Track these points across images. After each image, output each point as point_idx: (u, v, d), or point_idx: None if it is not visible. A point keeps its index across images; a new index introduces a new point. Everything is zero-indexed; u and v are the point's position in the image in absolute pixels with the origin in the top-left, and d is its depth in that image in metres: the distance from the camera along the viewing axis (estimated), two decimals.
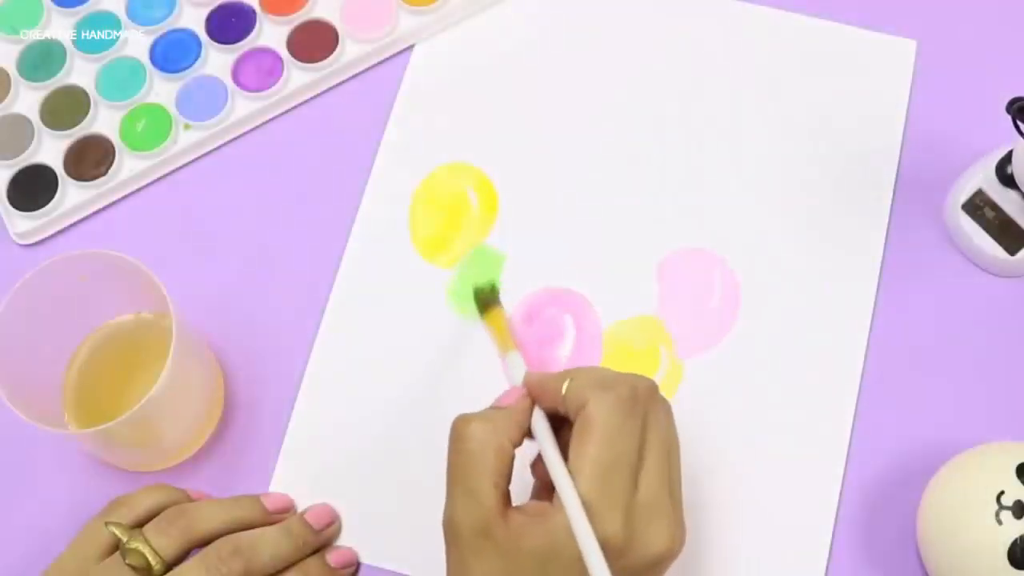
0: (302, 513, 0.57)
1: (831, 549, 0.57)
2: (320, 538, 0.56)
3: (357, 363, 0.61)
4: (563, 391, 0.48)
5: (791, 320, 0.61)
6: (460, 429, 0.48)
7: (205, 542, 0.53)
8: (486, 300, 0.59)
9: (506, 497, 0.47)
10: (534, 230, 0.63)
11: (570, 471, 0.46)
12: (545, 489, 0.50)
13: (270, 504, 0.57)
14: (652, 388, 0.49)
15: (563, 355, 0.61)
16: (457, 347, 0.61)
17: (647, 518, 0.46)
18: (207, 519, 0.54)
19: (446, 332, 0.62)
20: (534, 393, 0.50)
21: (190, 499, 0.56)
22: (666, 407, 0.49)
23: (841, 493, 0.58)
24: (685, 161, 0.65)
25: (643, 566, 0.46)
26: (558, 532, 0.45)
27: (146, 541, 0.52)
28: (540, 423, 0.49)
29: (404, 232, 0.64)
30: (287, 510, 0.57)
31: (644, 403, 0.47)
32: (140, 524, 0.53)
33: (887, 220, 0.63)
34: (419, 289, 0.62)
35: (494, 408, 0.50)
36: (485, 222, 0.64)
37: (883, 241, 0.62)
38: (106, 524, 0.53)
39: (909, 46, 0.66)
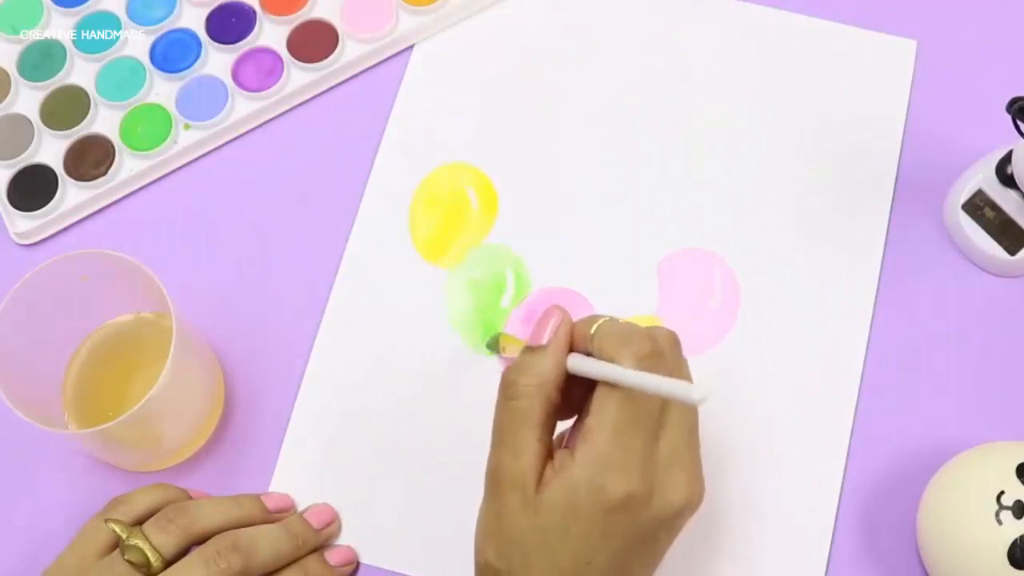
0: (302, 512, 0.57)
1: (831, 549, 0.57)
2: (320, 537, 0.56)
3: (357, 363, 0.61)
4: (591, 331, 0.48)
5: (791, 320, 0.61)
6: (509, 386, 0.48)
7: (204, 540, 0.53)
8: (495, 344, 0.60)
9: (547, 448, 0.48)
10: (534, 230, 0.63)
11: (591, 426, 0.46)
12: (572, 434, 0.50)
13: (271, 504, 0.57)
14: (673, 341, 0.49)
15: None
16: (456, 347, 0.61)
17: (667, 470, 0.47)
18: (207, 517, 0.54)
19: (445, 332, 0.61)
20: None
21: (190, 498, 0.56)
22: (684, 361, 0.49)
23: (841, 493, 0.58)
24: (685, 161, 0.64)
25: (665, 517, 0.47)
26: (578, 487, 0.45)
27: (145, 538, 0.52)
28: (579, 358, 0.48)
29: (404, 232, 0.64)
30: (287, 510, 0.57)
31: (666, 358, 0.48)
32: (140, 522, 0.53)
33: (887, 220, 0.63)
34: (419, 289, 0.62)
35: (530, 351, 0.49)
36: (485, 222, 0.64)
37: (883, 241, 0.62)
38: (105, 521, 0.53)
39: (909, 46, 0.66)
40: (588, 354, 0.49)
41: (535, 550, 0.46)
